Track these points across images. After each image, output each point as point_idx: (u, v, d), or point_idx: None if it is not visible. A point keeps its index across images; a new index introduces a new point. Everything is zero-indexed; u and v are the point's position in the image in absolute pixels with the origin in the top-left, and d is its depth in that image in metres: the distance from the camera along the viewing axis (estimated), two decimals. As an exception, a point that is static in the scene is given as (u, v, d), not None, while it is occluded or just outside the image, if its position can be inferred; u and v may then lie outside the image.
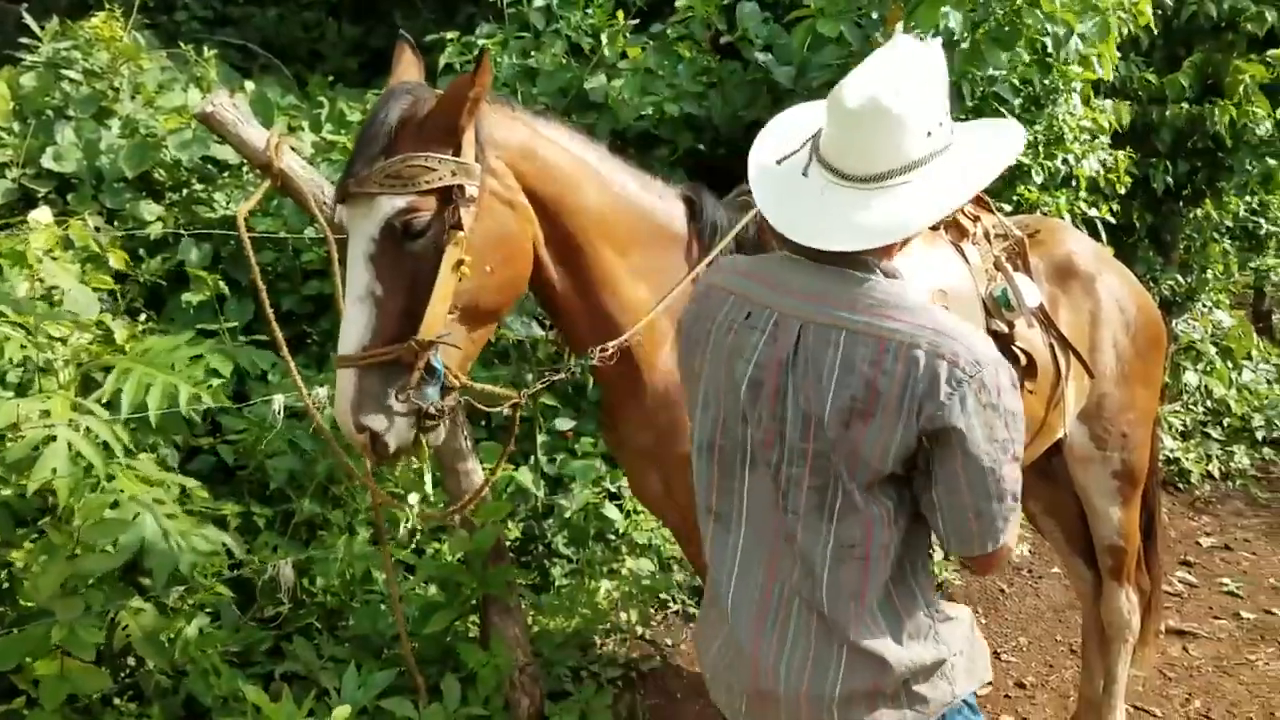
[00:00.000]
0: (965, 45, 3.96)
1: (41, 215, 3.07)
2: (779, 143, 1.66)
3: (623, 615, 4.15)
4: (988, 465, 1.46)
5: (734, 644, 1.64)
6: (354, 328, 2.00)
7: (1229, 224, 7.74)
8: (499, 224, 2.13)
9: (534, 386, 2.51)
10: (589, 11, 4.57)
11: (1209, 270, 7.80)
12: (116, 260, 3.32)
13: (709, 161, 4.66)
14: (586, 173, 2.32)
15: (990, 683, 2.34)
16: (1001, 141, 1.59)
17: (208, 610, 3.13)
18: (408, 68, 2.25)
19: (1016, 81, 4.32)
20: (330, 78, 5.97)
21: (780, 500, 1.57)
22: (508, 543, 3.90)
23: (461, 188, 2.02)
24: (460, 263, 2.02)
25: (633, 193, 2.44)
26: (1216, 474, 6.72)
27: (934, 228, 2.81)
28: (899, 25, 4.04)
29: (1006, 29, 4.00)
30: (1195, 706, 3.93)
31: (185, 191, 4.09)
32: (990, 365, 1.45)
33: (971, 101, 4.23)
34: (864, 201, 1.49)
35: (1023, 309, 2.66)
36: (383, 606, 3.45)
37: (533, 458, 4.18)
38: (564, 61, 4.59)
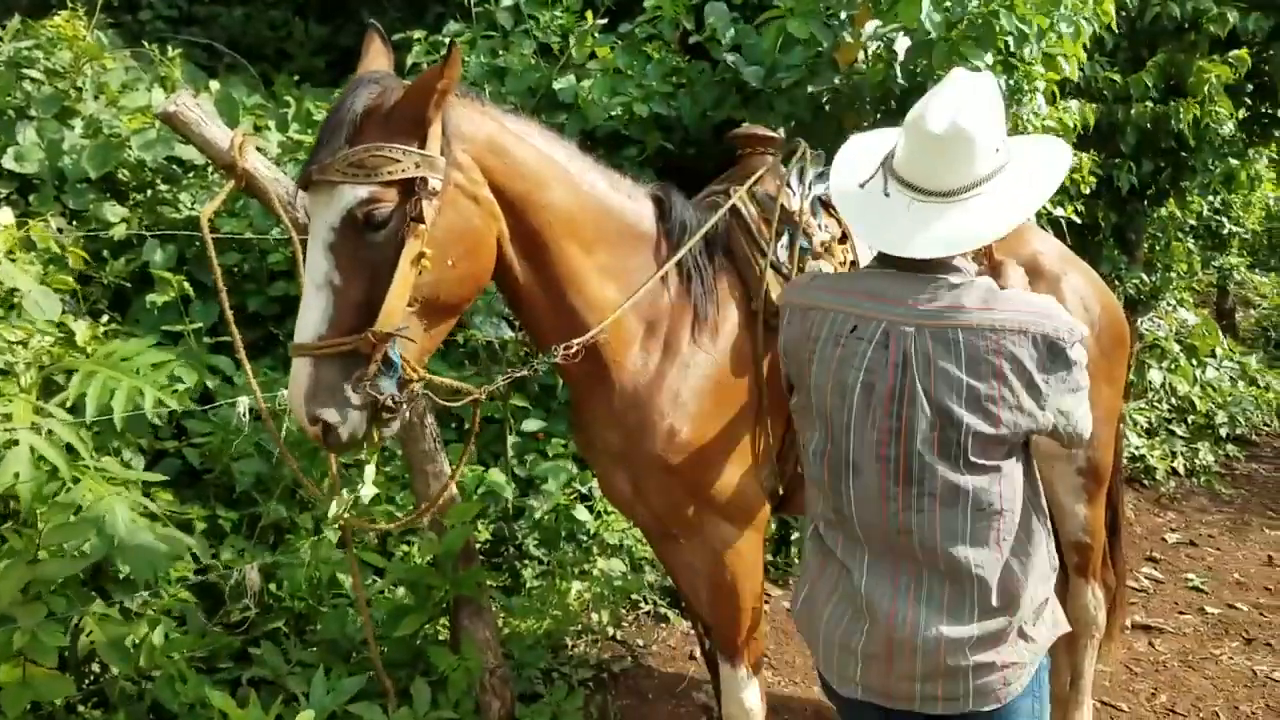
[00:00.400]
0: (941, 45, 3.98)
1: (2, 216, 3.03)
2: (852, 169, 1.91)
3: (594, 616, 4.15)
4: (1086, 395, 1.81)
5: (861, 614, 1.84)
6: (311, 316, 1.97)
7: (1192, 223, 7.85)
8: (462, 218, 2.12)
9: (495, 382, 2.48)
10: (557, 12, 4.56)
11: (1173, 269, 7.91)
12: (76, 261, 3.28)
13: (678, 161, 4.66)
14: (554, 170, 2.31)
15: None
16: (1053, 157, 1.88)
17: (173, 615, 3.09)
18: (376, 57, 2.22)
19: (983, 83, 4.34)
20: (297, 77, 5.93)
21: (888, 490, 1.79)
22: (478, 544, 3.88)
23: (425, 180, 2.00)
24: (421, 255, 2.00)
25: (601, 191, 2.43)
26: (1181, 470, 6.81)
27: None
28: (868, 25, 4.07)
29: (983, 27, 4.02)
30: (1161, 701, 3.97)
31: (149, 192, 4.05)
32: (1079, 328, 1.77)
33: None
34: (944, 214, 1.75)
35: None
36: (351, 610, 3.43)
37: (502, 459, 4.17)
38: (532, 61, 4.58)
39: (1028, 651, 1.83)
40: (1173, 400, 7.23)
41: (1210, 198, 7.62)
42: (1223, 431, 7.30)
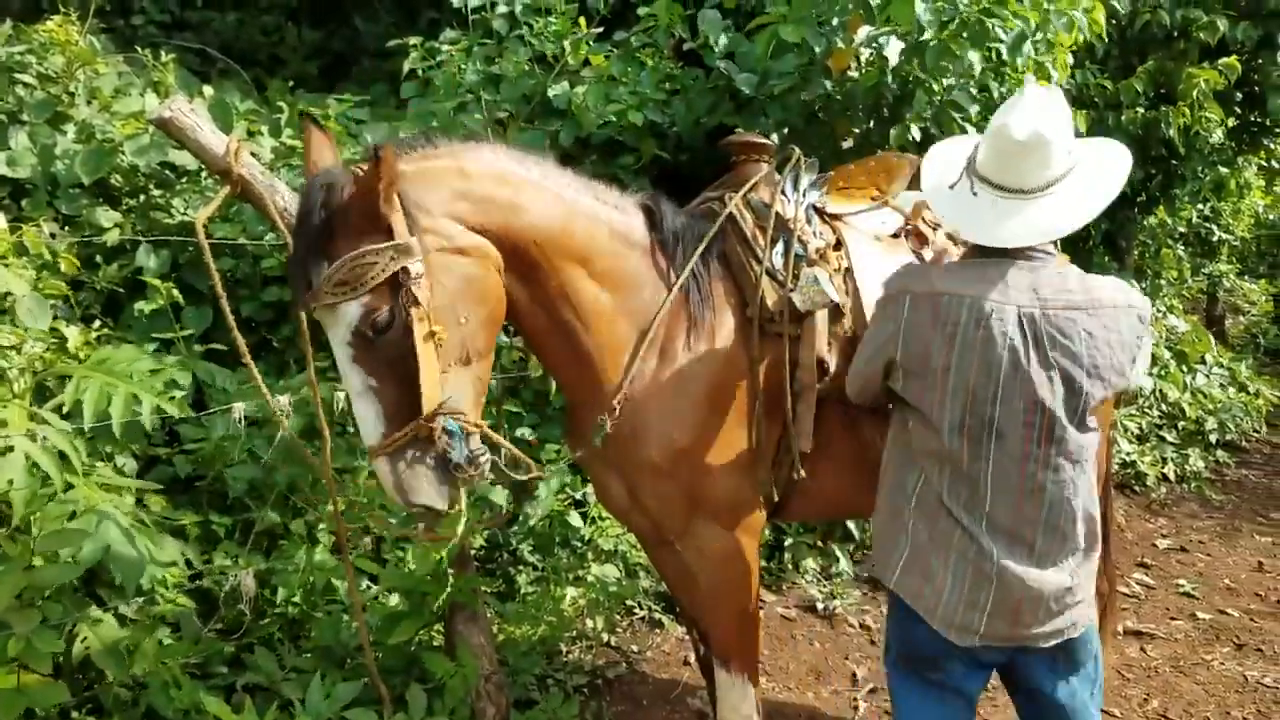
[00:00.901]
0: (934, 44, 4.00)
1: (-6, 222, 3.02)
2: (940, 173, 2.22)
3: (588, 622, 4.15)
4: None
5: (984, 573, 2.06)
6: (368, 421, 2.10)
7: (1182, 230, 7.90)
8: (456, 276, 2.16)
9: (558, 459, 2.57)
10: (552, 19, 4.57)
11: (1163, 276, 7.95)
12: (68, 267, 3.27)
13: (672, 168, 4.67)
14: (528, 193, 2.32)
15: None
16: (1115, 161, 2.13)
17: (167, 621, 3.09)
18: (320, 149, 2.22)
19: (974, 89, 4.37)
20: (290, 82, 5.92)
21: (1031, 452, 2.03)
22: (472, 551, 3.88)
23: (405, 269, 2.05)
24: (432, 333, 2.07)
25: (584, 203, 2.45)
26: (1172, 476, 6.83)
27: (895, 235, 2.85)
28: (861, 31, 4.09)
29: (976, 26, 4.05)
30: (1153, 706, 3.98)
31: (142, 197, 4.04)
32: (1146, 300, 2.16)
33: (929, 110, 4.28)
34: (1023, 209, 2.04)
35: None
36: (345, 616, 3.42)
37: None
38: (527, 68, 4.59)
39: (1090, 612, 2.17)
40: (1163, 407, 7.25)
41: (1200, 205, 7.67)
42: (1213, 438, 7.33)
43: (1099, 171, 2.11)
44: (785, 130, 4.47)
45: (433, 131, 2.40)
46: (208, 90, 4.57)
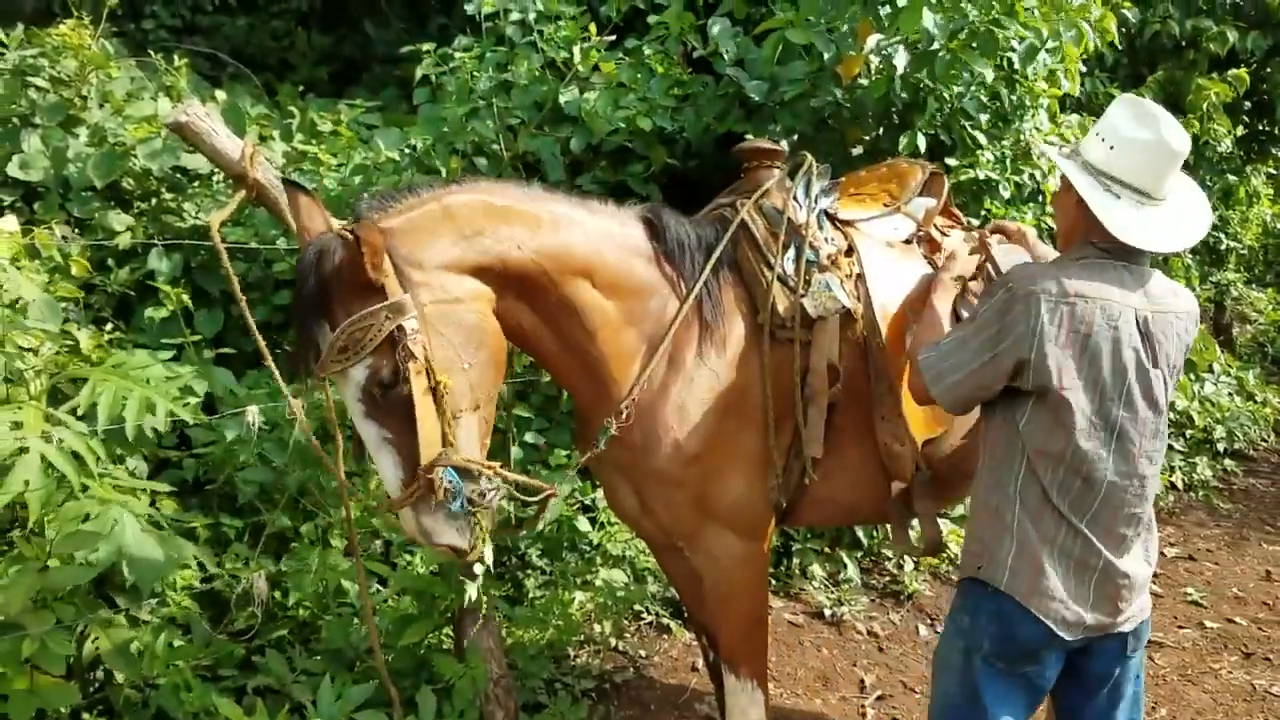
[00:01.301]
0: (944, 55, 4.01)
1: (6, 224, 3.03)
2: (1077, 175, 2.22)
3: (596, 627, 4.15)
4: None
5: (1087, 566, 2.17)
6: (387, 472, 2.18)
7: (1190, 239, 7.86)
8: (453, 325, 2.19)
9: (569, 467, 2.60)
10: (562, 24, 4.58)
11: (1171, 284, 7.90)
12: (79, 270, 3.29)
13: (682, 176, 4.68)
14: (519, 218, 2.35)
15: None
16: (1187, 177, 2.30)
17: (178, 623, 3.09)
18: (309, 213, 2.24)
19: (984, 98, 4.38)
20: (300, 87, 5.95)
21: (1144, 449, 2.17)
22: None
23: (401, 327, 2.09)
24: (435, 385, 2.12)
25: (581, 218, 2.47)
26: (1180, 485, 6.82)
27: (907, 241, 2.85)
28: (871, 39, 4.10)
29: (986, 36, 4.06)
30: (1161, 715, 3.98)
31: (154, 201, 4.05)
32: None
33: (937, 118, 4.29)
34: (1158, 214, 2.16)
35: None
36: (355, 619, 3.43)
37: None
38: (538, 74, 4.61)
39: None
40: (1171, 415, 7.24)
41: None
42: (1220, 446, 7.31)
43: (1185, 181, 2.28)
44: (795, 137, 4.48)
45: (412, 180, 2.46)
46: (220, 95, 4.59)
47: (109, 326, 3.49)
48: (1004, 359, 2.14)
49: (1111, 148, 2.18)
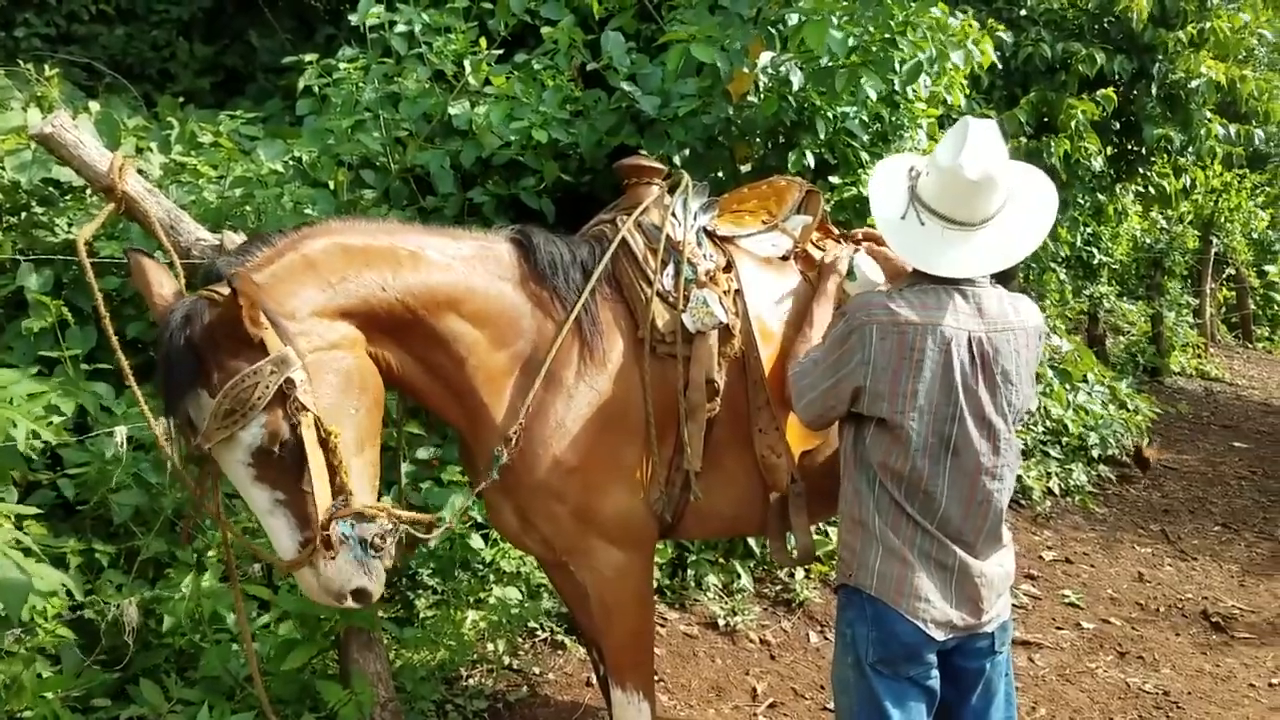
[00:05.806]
0: (842, 71, 4.10)
1: None
2: (888, 202, 2.31)
3: (489, 646, 4.11)
4: None
5: (949, 570, 2.26)
6: (282, 535, 2.12)
7: (1065, 254, 8.18)
8: (335, 371, 2.18)
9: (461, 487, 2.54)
10: (451, 37, 4.55)
11: (1046, 297, 8.21)
12: (-57, 286, 3.14)
13: (575, 191, 4.69)
14: (378, 258, 2.34)
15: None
16: (1043, 186, 2.35)
17: (48, 653, 2.97)
18: (157, 279, 2.21)
19: (866, 118, 4.50)
20: (181, 98, 5.78)
21: (983, 464, 2.23)
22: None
23: (289, 380, 2.05)
24: (328, 435, 2.09)
25: (440, 249, 2.47)
26: (1056, 490, 7.05)
27: (784, 258, 2.91)
28: (762, 56, 4.17)
29: (880, 54, 4.17)
30: (1041, 714, 4.12)
31: (24, 215, 3.90)
32: None
33: (825, 136, 4.39)
34: (971, 238, 2.20)
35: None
36: (235, 646, 3.33)
37: (396, 486, 4.10)
38: (427, 87, 4.57)
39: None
40: (1047, 423, 7.47)
41: (1081, 230, 7.96)
42: (1094, 453, 7.55)
43: (1035, 199, 2.31)
44: (687, 152, 4.53)
45: (263, 230, 2.42)
46: (94, 105, 4.43)
47: (-25, 344, 3.34)
48: (843, 385, 2.26)
49: (925, 174, 2.27)
